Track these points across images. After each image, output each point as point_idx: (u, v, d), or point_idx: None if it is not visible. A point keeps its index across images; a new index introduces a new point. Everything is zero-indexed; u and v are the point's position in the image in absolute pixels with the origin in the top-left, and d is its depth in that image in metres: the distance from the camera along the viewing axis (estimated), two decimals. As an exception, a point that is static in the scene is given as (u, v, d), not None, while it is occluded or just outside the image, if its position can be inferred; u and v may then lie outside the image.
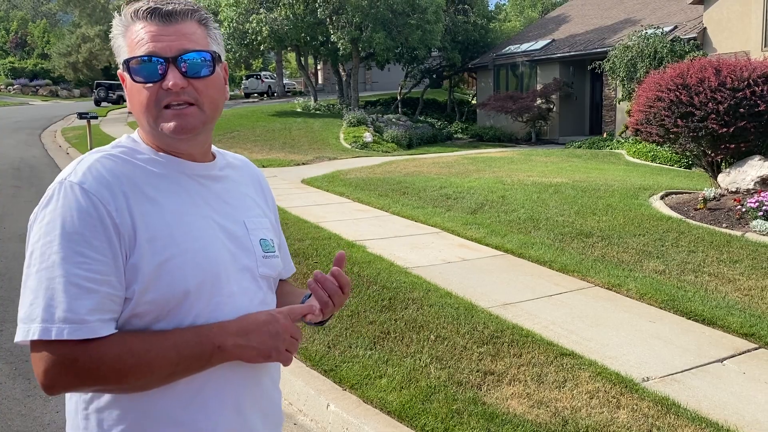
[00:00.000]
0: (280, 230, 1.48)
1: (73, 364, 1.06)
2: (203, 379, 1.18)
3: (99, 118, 23.14)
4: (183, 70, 1.17)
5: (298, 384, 3.61)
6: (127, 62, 1.18)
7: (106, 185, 1.13)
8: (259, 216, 1.36)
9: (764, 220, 6.58)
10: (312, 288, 1.27)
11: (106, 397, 1.16)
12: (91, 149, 1.45)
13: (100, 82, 39.84)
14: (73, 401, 1.20)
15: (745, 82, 7.68)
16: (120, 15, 1.22)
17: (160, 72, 1.16)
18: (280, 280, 1.49)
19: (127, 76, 1.20)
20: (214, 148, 1.36)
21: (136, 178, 1.17)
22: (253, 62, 48.35)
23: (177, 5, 1.19)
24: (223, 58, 1.28)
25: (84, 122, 17.42)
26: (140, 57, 1.16)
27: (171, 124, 1.18)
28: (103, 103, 37.14)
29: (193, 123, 1.20)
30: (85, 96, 48.15)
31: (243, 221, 1.30)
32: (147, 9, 1.18)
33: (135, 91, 1.19)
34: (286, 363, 1.23)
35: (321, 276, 1.26)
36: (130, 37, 1.19)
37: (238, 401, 1.24)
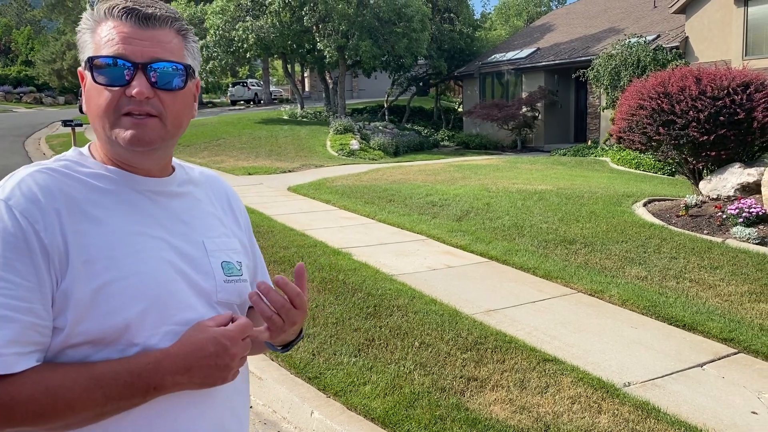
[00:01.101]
0: (254, 251, 1.35)
1: None
2: (152, 415, 1.06)
3: (84, 125, 22.99)
4: (152, 79, 1.08)
5: (282, 391, 3.61)
6: (90, 60, 1.08)
7: (35, 202, 1.01)
8: (224, 236, 1.23)
9: (744, 226, 6.68)
10: (253, 301, 1.11)
11: None
12: None
13: (85, 90, 39.58)
14: None
15: (725, 91, 7.80)
16: (92, 10, 1.11)
17: (126, 77, 1.06)
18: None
19: (88, 75, 1.09)
20: (176, 161, 1.25)
21: (75, 194, 1.06)
22: (240, 69, 48.30)
23: (157, 10, 1.09)
24: (197, 73, 1.18)
25: (68, 130, 17.34)
26: (106, 57, 1.07)
27: (127, 134, 1.07)
28: (88, 111, 36.89)
29: (151, 136, 1.09)
30: (69, 103, 47.83)
31: (202, 241, 1.18)
32: (123, 8, 1.08)
33: (94, 93, 1.09)
34: (231, 381, 1.11)
35: (264, 287, 1.10)
36: (98, 35, 1.09)
37: None
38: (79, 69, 1.15)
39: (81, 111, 37.03)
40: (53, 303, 1.00)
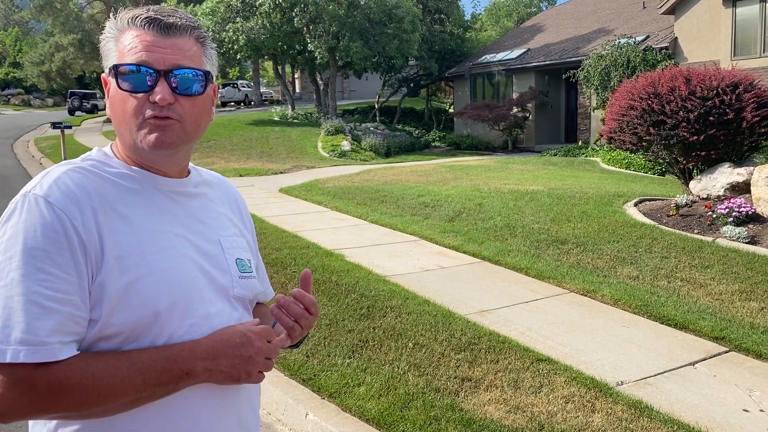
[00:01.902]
0: (257, 252, 1.43)
1: (30, 389, 0.99)
2: (175, 407, 1.12)
3: (73, 127, 22.88)
4: (173, 85, 1.13)
5: (276, 393, 3.61)
6: (115, 68, 1.13)
7: (74, 199, 1.07)
8: (235, 235, 1.31)
9: (734, 225, 6.73)
10: (275, 314, 1.21)
11: (72, 426, 1.09)
12: (65, 159, 1.40)
13: (74, 91, 39.39)
14: (38, 428, 1.13)
15: (714, 91, 7.86)
16: (115, 19, 1.16)
17: (149, 83, 1.12)
18: (258, 302, 1.43)
19: (113, 81, 1.15)
20: (189, 164, 1.31)
21: (106, 192, 1.12)
22: (230, 71, 48.22)
23: (178, 19, 1.15)
24: (215, 78, 1.23)
25: (58, 132, 17.24)
26: (130, 65, 1.12)
27: (151, 137, 1.13)
28: (77, 113, 36.72)
29: (173, 138, 1.14)
30: (58, 105, 47.58)
31: (218, 240, 1.25)
32: (146, 18, 1.13)
33: (118, 99, 1.14)
34: (257, 382, 1.19)
35: (284, 301, 1.21)
36: (122, 43, 1.14)
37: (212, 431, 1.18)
38: (103, 75, 1.20)
39: (70, 113, 36.75)
40: (90, 295, 1.06)
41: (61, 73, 45.67)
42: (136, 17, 1.14)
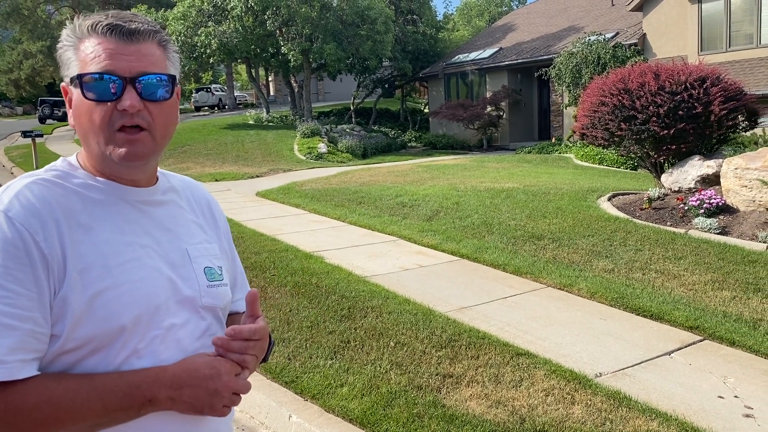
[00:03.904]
0: (234, 255, 1.40)
1: None
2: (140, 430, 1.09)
3: (44, 135, 22.53)
4: (140, 91, 1.11)
5: (259, 397, 3.61)
6: (79, 78, 1.10)
7: (35, 213, 1.04)
8: (204, 242, 1.28)
9: (705, 217, 6.87)
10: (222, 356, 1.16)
11: None
12: (36, 168, 1.37)
13: (44, 99, 38.73)
14: None
15: (683, 86, 8.01)
16: (73, 26, 1.13)
17: (114, 91, 1.09)
18: (237, 313, 1.39)
19: (76, 91, 1.11)
20: (158, 170, 1.29)
21: (70, 204, 1.09)
22: (203, 75, 47.79)
23: (140, 24, 1.13)
24: (178, 81, 1.21)
25: (29, 140, 16.96)
26: (96, 74, 1.09)
27: (121, 151, 1.11)
28: (48, 121, 36.14)
29: (143, 150, 1.13)
30: (28, 114, 46.76)
31: (185, 249, 1.22)
32: (107, 24, 1.11)
33: (84, 109, 1.11)
34: (221, 416, 1.14)
35: (220, 342, 1.14)
36: (83, 52, 1.11)
37: None
38: (63, 84, 1.17)
39: (41, 121, 36.14)
40: (51, 310, 1.04)
41: (31, 81, 44.93)
42: (97, 24, 1.11)
